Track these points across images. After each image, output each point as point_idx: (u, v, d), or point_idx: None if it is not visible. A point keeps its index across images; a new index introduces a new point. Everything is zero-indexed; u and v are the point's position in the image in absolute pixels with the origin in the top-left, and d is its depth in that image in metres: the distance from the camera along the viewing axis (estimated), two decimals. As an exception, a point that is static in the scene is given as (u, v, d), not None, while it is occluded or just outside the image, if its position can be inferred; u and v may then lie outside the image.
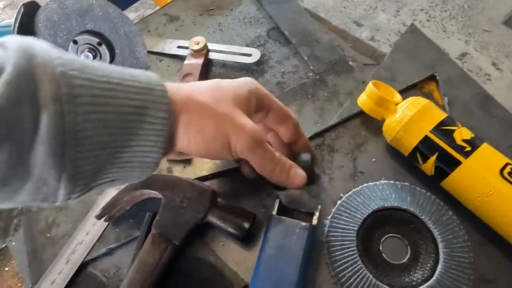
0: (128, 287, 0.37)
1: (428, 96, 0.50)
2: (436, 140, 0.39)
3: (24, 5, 0.43)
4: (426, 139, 0.39)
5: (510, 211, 0.36)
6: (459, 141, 0.38)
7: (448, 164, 0.38)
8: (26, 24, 0.44)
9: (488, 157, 0.38)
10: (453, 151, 0.38)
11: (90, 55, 0.46)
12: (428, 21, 1.57)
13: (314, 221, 0.40)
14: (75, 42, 0.46)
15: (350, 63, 0.53)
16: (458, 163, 0.38)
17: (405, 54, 0.52)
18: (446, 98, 0.48)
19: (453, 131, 0.39)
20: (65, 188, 0.25)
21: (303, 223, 0.39)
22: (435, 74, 0.50)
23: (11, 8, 1.80)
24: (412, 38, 0.54)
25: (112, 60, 0.48)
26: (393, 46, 0.54)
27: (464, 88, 0.49)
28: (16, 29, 0.43)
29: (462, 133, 0.39)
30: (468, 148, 0.38)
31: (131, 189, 0.42)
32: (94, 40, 0.46)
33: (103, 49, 0.46)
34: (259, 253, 0.38)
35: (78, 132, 0.24)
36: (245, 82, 0.35)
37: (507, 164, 0.37)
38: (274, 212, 0.40)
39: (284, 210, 0.41)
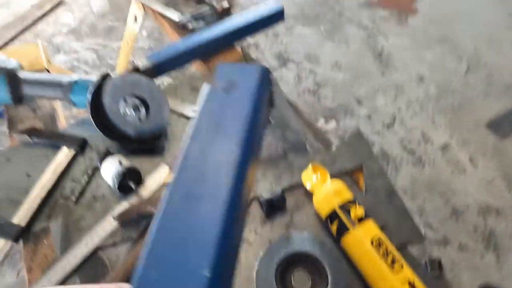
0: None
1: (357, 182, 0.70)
2: (339, 212, 0.59)
3: (102, 74, 0.68)
4: (334, 211, 0.60)
5: (371, 266, 0.55)
6: (353, 216, 0.58)
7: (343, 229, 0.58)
8: (100, 84, 0.69)
9: (368, 229, 0.57)
10: (347, 222, 0.58)
11: (132, 110, 0.70)
12: (420, 111, 1.80)
13: None
14: (125, 100, 0.70)
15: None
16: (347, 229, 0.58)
17: (347, 149, 0.74)
18: (365, 183, 0.69)
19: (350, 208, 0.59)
20: None
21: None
22: (363, 167, 0.71)
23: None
24: (353, 139, 0.75)
25: (146, 114, 0.71)
26: (340, 142, 0.75)
27: (380, 180, 0.69)
28: (93, 85, 0.68)
29: (357, 210, 0.59)
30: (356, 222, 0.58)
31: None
32: (137, 101, 0.70)
33: (141, 107, 0.70)
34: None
35: None
36: None
37: (377, 237, 0.57)
38: None
39: None
